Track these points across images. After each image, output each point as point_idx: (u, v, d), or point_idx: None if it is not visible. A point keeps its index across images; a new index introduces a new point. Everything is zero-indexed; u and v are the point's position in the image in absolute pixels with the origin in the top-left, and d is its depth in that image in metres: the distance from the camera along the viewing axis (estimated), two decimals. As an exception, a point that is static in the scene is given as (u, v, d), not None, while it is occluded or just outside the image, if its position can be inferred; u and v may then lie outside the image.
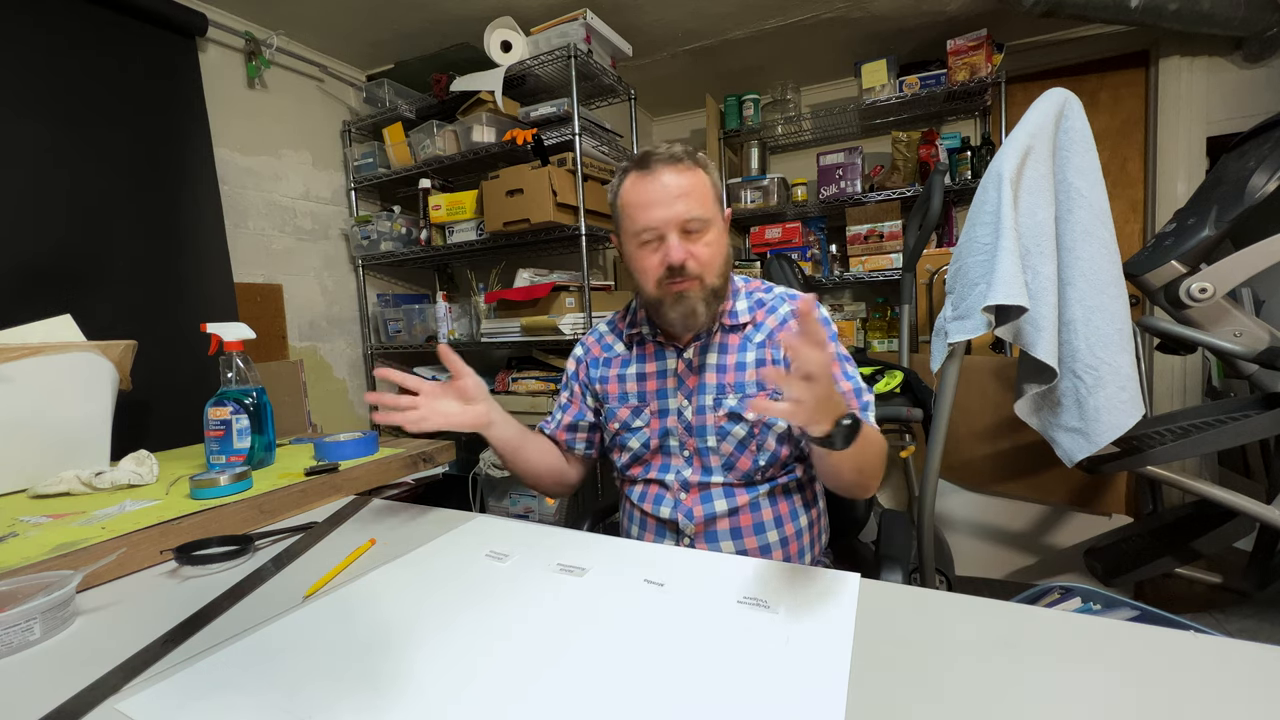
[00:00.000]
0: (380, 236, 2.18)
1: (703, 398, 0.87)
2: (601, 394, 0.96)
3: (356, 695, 0.43)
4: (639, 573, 0.62)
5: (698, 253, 0.80)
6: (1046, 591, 1.20)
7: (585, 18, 1.80)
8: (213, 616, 0.56)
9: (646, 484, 0.92)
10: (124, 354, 1.11)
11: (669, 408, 0.89)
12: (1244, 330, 1.28)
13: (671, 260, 0.79)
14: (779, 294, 0.92)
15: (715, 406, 0.86)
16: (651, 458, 0.91)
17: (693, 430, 0.87)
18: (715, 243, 0.82)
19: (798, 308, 0.62)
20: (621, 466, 0.96)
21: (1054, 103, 1.13)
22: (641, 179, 0.80)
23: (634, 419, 0.92)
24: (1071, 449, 1.21)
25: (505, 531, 0.75)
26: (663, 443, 0.90)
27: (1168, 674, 0.42)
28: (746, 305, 0.90)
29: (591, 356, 1.00)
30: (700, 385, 0.88)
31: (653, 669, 0.46)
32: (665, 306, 0.83)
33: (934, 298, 2.27)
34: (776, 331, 0.87)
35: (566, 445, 1.01)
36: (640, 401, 0.92)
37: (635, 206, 0.81)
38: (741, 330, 0.89)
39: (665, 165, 0.79)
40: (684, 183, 0.79)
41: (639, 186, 0.80)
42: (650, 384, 0.92)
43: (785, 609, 0.53)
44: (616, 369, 0.95)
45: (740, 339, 0.88)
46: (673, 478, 0.89)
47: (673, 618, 0.53)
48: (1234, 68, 2.21)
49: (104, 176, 1.51)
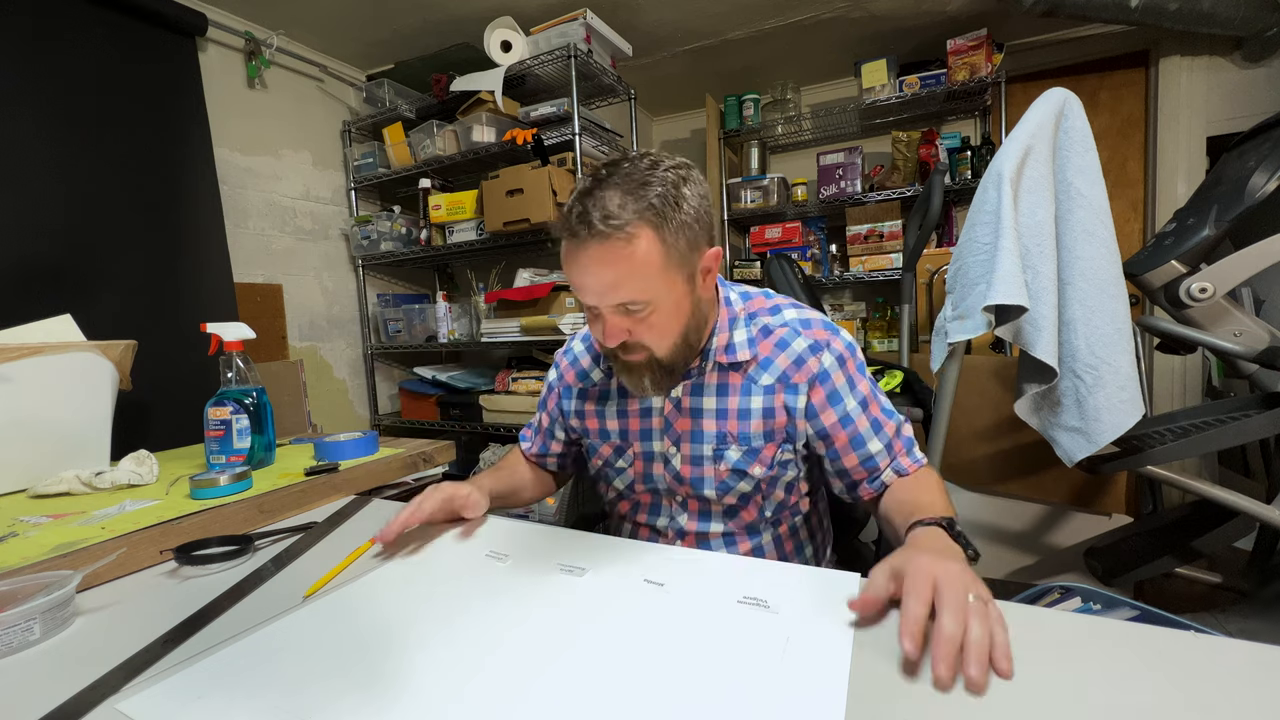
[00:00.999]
0: (380, 236, 2.18)
1: (698, 447, 0.77)
2: (580, 429, 0.87)
3: (356, 695, 0.43)
4: (639, 573, 0.61)
5: (640, 332, 0.67)
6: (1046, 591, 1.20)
7: (585, 18, 1.80)
8: (213, 616, 0.56)
9: (636, 526, 0.86)
10: (124, 354, 1.11)
11: (654, 452, 0.80)
12: (1244, 330, 1.28)
13: (606, 342, 0.68)
14: (790, 321, 0.76)
15: (715, 459, 0.76)
16: (640, 497, 0.84)
17: (684, 480, 0.78)
18: (665, 319, 0.67)
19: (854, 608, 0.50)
20: (609, 501, 0.89)
21: (1054, 102, 1.12)
22: (570, 249, 0.64)
23: (617, 459, 0.84)
24: (1071, 449, 1.21)
25: (505, 531, 0.75)
26: (650, 486, 0.82)
27: (1168, 674, 0.42)
28: (747, 336, 0.76)
29: (564, 384, 0.89)
30: (695, 433, 0.77)
31: (653, 669, 0.45)
32: (615, 369, 0.75)
33: (934, 298, 2.27)
34: (790, 373, 0.74)
35: (540, 466, 0.98)
36: (623, 441, 0.82)
37: (567, 274, 0.67)
38: (742, 369, 0.76)
39: (593, 241, 0.62)
40: (615, 267, 0.62)
41: (567, 256, 0.65)
42: (633, 423, 0.81)
43: (786, 609, 0.53)
44: (593, 403, 0.85)
45: (742, 379, 0.76)
46: (666, 523, 0.82)
47: (673, 618, 0.53)
48: (1234, 68, 2.21)
49: (104, 176, 1.52)
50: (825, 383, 0.74)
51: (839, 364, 0.75)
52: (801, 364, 0.74)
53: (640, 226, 0.62)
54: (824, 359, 0.74)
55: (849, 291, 2.76)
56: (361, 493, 0.98)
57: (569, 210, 0.64)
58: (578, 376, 0.88)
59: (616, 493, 0.86)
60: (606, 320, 0.66)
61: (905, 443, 0.77)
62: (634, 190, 0.62)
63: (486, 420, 2.06)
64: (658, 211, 0.62)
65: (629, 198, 0.62)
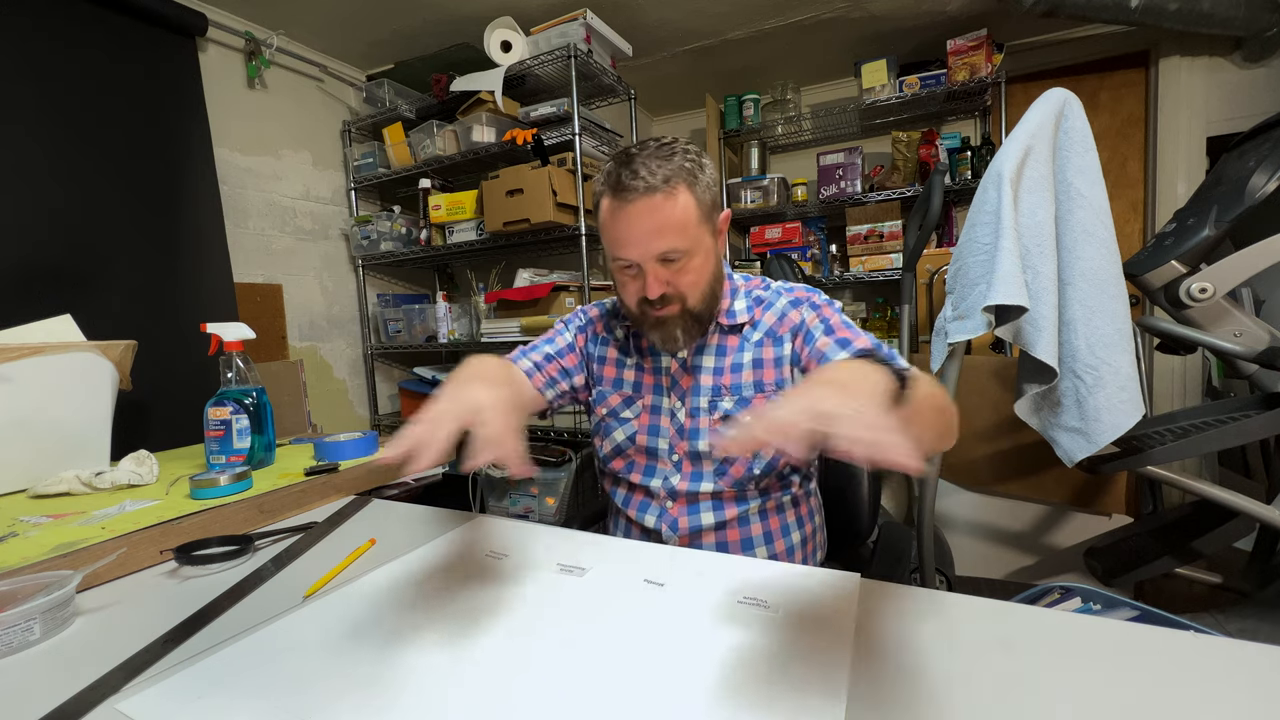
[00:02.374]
0: (380, 236, 2.18)
1: (696, 399, 0.84)
2: (596, 375, 0.93)
3: (356, 695, 0.43)
4: (639, 572, 0.61)
5: (677, 280, 0.75)
6: (1046, 591, 1.20)
7: (585, 18, 1.80)
8: (213, 616, 0.56)
9: (631, 488, 0.90)
10: (124, 354, 1.11)
11: (661, 406, 0.87)
12: (1244, 330, 1.28)
13: (648, 294, 0.75)
14: (776, 288, 0.88)
15: (710, 409, 0.83)
16: (635, 455, 0.88)
17: (685, 433, 0.84)
18: (699, 267, 0.76)
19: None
20: (604, 458, 0.92)
21: (1054, 103, 1.13)
22: (617, 208, 0.73)
23: (624, 408, 0.89)
24: (1071, 449, 1.21)
25: (504, 531, 0.75)
26: (650, 444, 0.87)
27: (1168, 674, 0.42)
28: (745, 304, 0.86)
29: (594, 331, 0.95)
30: (694, 387, 0.85)
31: (653, 669, 0.45)
32: (645, 328, 0.81)
33: (934, 298, 2.27)
34: (775, 327, 0.84)
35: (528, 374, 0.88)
36: (634, 392, 0.89)
37: (610, 233, 0.75)
38: (739, 331, 0.85)
39: (642, 197, 0.71)
40: (661, 216, 0.72)
41: (614, 215, 0.74)
42: (646, 378, 0.89)
43: (785, 609, 0.53)
44: (615, 352, 0.92)
45: (738, 340, 0.85)
46: (659, 484, 0.86)
47: (673, 618, 0.53)
48: (1234, 68, 2.21)
49: (104, 176, 1.52)
50: (802, 328, 0.82)
51: (814, 309, 0.83)
52: (783, 317, 0.84)
53: (678, 184, 0.72)
54: (804, 311, 0.83)
55: (849, 292, 2.76)
56: (361, 493, 0.98)
57: (613, 174, 0.73)
58: (605, 328, 0.95)
59: (614, 446, 0.90)
60: (649, 272, 0.74)
61: (888, 354, 0.71)
62: (667, 157, 0.73)
63: (486, 420, 2.06)
64: (690, 173, 0.74)
65: (665, 162, 0.73)
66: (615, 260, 0.77)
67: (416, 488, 1.11)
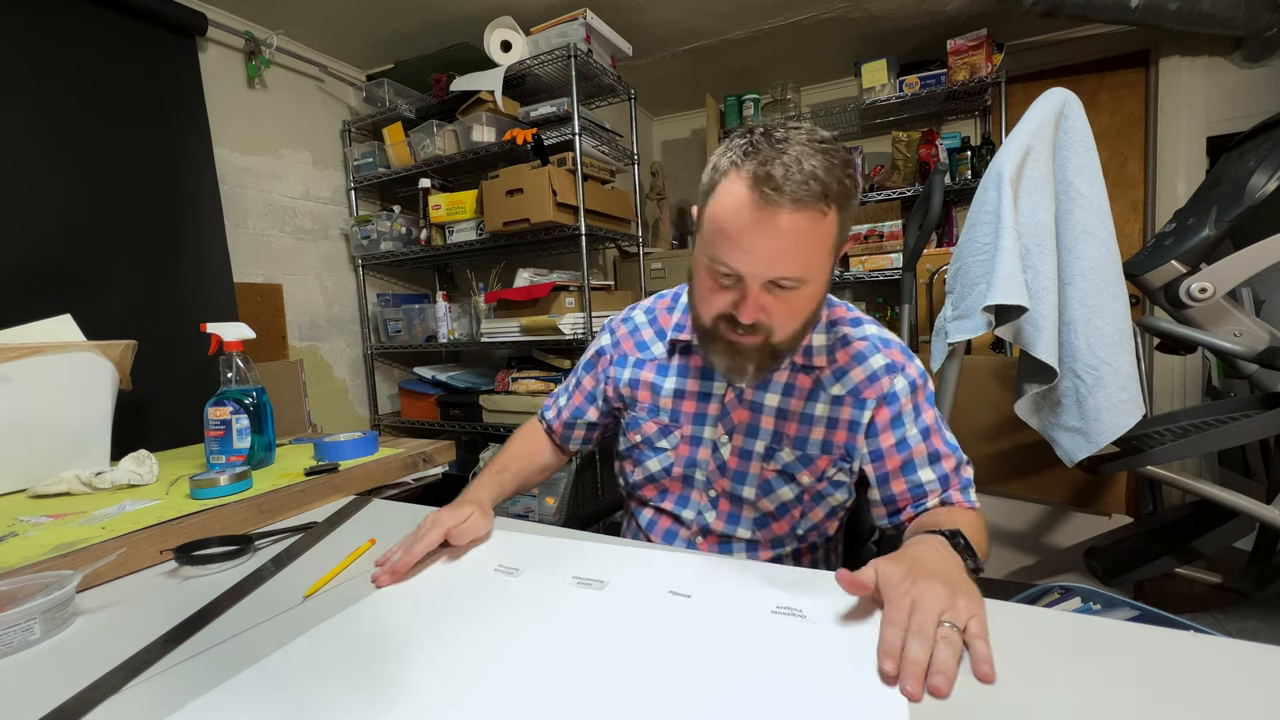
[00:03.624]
0: (380, 236, 2.18)
1: (751, 441, 0.75)
2: (628, 398, 0.84)
3: (356, 695, 0.43)
4: (663, 584, 0.57)
5: (776, 308, 0.62)
6: (1046, 591, 1.20)
7: (585, 17, 1.80)
8: (213, 616, 0.56)
9: (659, 512, 0.83)
10: (124, 354, 1.11)
11: (703, 437, 0.77)
12: (1244, 330, 1.28)
13: (741, 317, 0.62)
14: (870, 336, 0.75)
15: (766, 456, 0.74)
16: (670, 485, 0.81)
17: (727, 472, 0.76)
18: (808, 301, 0.63)
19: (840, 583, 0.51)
20: (633, 483, 0.85)
21: (1054, 102, 1.12)
22: (753, 206, 0.57)
23: (660, 438, 0.80)
24: (1071, 449, 1.21)
25: (513, 543, 0.71)
26: (687, 474, 0.79)
27: (1168, 674, 0.42)
28: (825, 342, 0.74)
29: (620, 352, 0.86)
30: (751, 426, 0.75)
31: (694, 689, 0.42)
32: (711, 347, 0.68)
33: (934, 298, 2.27)
34: (862, 388, 0.72)
35: (562, 439, 0.94)
36: (672, 421, 0.79)
37: (726, 229, 0.59)
38: (814, 373, 0.74)
39: (790, 209, 0.56)
40: (801, 238, 0.58)
41: (743, 209, 0.58)
42: (688, 405, 0.78)
43: (823, 619, 0.51)
44: (651, 374, 0.82)
45: (812, 383, 0.74)
46: (691, 516, 0.79)
47: (706, 632, 0.49)
48: (1234, 68, 2.21)
49: (104, 176, 1.51)
50: (893, 404, 0.72)
51: (910, 389, 0.73)
52: (875, 380, 0.73)
53: (832, 205, 0.58)
54: (897, 381, 0.73)
55: (849, 291, 2.76)
56: (361, 493, 0.98)
57: (763, 161, 0.57)
58: (636, 346, 0.85)
59: (646, 475, 0.82)
60: (751, 294, 0.61)
61: (963, 481, 0.73)
62: (830, 169, 0.57)
63: (486, 420, 2.06)
64: (848, 194, 0.59)
65: (828, 173, 0.57)
66: (714, 261, 0.62)
67: (416, 488, 1.11)
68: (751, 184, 0.57)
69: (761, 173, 0.56)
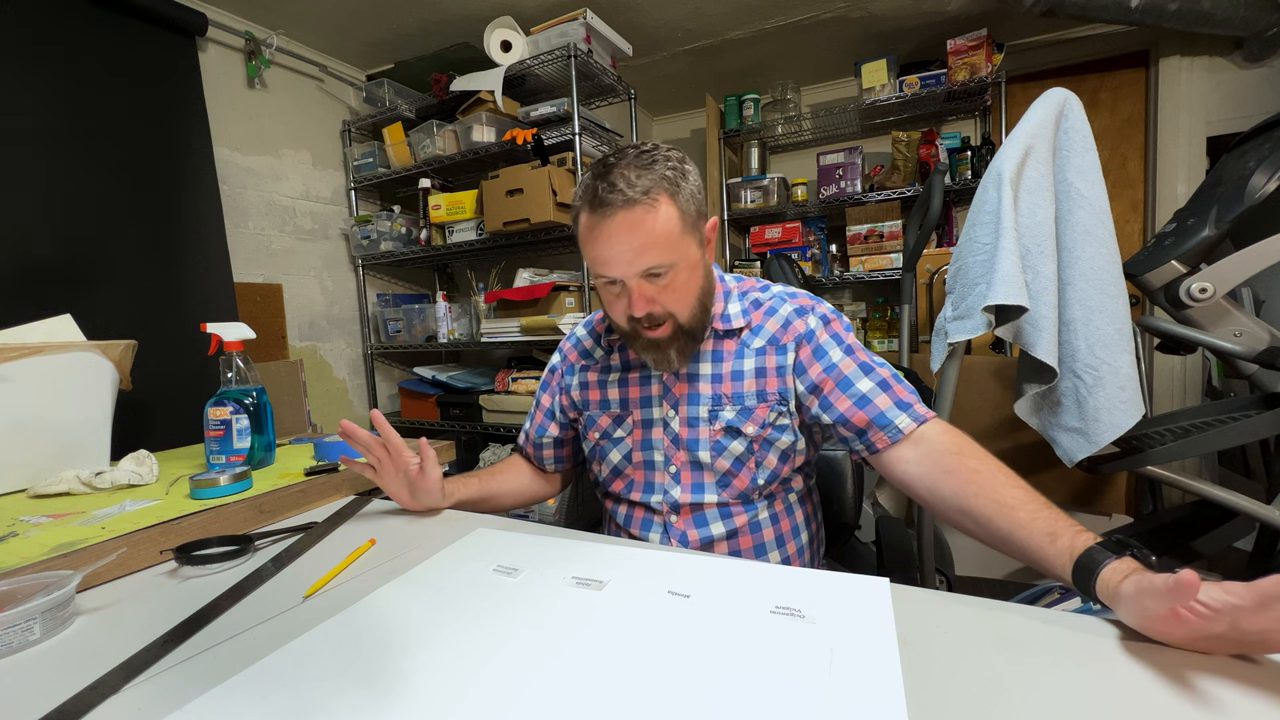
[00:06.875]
0: (380, 236, 2.18)
1: (694, 408, 0.81)
2: (580, 401, 0.91)
3: (356, 695, 0.43)
4: (662, 584, 0.58)
5: (664, 297, 0.72)
6: (1046, 591, 1.20)
7: (585, 17, 1.80)
8: (213, 616, 0.56)
9: (630, 506, 0.86)
10: (124, 354, 1.11)
11: (653, 418, 0.84)
12: (1244, 330, 1.28)
13: (633, 313, 0.72)
14: (777, 293, 0.84)
15: (710, 419, 0.80)
16: (633, 473, 0.85)
17: (681, 443, 0.82)
18: (687, 281, 0.73)
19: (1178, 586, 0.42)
20: (603, 481, 0.90)
21: (1054, 103, 1.12)
22: (595, 223, 0.70)
23: (615, 428, 0.86)
24: (1071, 449, 1.21)
25: (510, 543, 0.71)
26: (646, 457, 0.84)
27: (1168, 674, 0.42)
28: (740, 308, 0.83)
29: (567, 364, 0.94)
30: (691, 395, 0.82)
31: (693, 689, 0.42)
32: (637, 347, 0.79)
33: (934, 298, 2.27)
34: (779, 335, 0.80)
35: (537, 461, 0.99)
36: (623, 410, 0.86)
37: (591, 250, 0.72)
38: (736, 335, 0.82)
39: (621, 211, 0.68)
40: (643, 230, 0.68)
41: (593, 231, 0.70)
42: (633, 390, 0.86)
43: (822, 619, 0.50)
44: (596, 374, 0.90)
45: (736, 344, 0.82)
46: (659, 499, 0.82)
47: (706, 633, 0.49)
48: (1234, 68, 2.21)
49: (104, 176, 1.52)
50: (811, 340, 0.79)
51: (823, 323, 0.80)
52: (788, 325, 0.80)
53: (660, 194, 0.69)
54: (809, 320, 0.80)
55: (849, 291, 2.76)
56: (361, 493, 0.98)
57: (590, 188, 0.70)
58: (580, 355, 0.93)
59: (611, 468, 0.87)
60: (633, 290, 0.72)
61: (908, 389, 0.75)
62: (647, 166, 0.70)
63: (486, 420, 2.06)
64: (672, 182, 0.70)
65: (645, 171, 0.69)
66: (598, 278, 0.74)
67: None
68: (590, 208, 0.70)
69: (593, 196, 0.70)
